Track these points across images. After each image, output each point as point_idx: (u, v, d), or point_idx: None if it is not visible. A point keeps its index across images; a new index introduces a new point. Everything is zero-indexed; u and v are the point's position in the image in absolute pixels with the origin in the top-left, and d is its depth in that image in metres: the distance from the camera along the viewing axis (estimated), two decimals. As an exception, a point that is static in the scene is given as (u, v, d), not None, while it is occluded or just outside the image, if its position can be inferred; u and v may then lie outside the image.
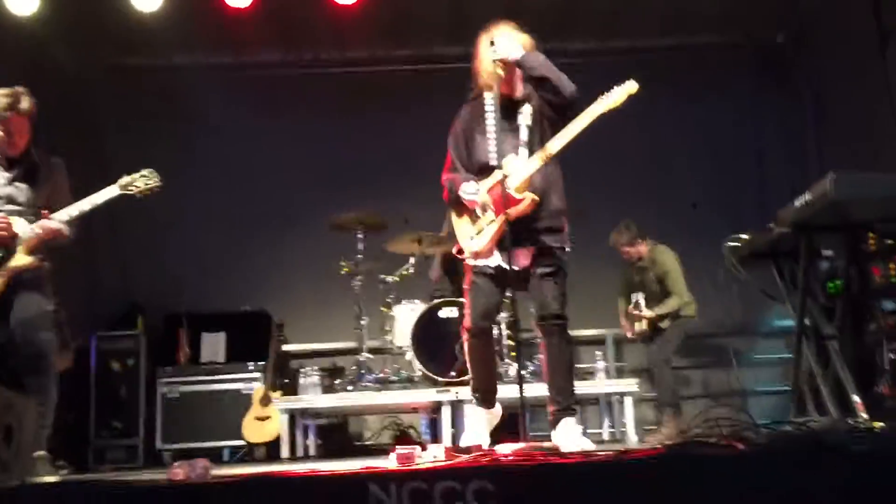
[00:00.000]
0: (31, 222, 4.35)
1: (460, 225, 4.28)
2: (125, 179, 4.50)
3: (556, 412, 4.11)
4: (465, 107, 4.34)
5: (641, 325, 6.83)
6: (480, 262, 4.12)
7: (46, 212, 4.37)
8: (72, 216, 4.40)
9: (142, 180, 4.50)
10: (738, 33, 8.47)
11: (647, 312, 6.77)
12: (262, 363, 7.17)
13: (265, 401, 6.81)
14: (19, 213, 4.38)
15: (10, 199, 4.41)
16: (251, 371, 7.25)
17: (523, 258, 4.04)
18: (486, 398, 4.31)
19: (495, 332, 6.39)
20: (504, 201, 3.89)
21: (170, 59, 8.47)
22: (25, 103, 4.45)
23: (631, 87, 3.91)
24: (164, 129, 8.14)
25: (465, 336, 4.21)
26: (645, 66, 8.32)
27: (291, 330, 7.68)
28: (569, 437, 4.00)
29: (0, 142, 4.41)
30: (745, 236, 4.64)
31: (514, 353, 6.36)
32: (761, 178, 8.32)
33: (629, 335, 7.05)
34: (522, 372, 6.03)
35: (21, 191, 4.44)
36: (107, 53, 8.33)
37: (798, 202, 3.95)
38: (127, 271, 7.73)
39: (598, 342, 7.74)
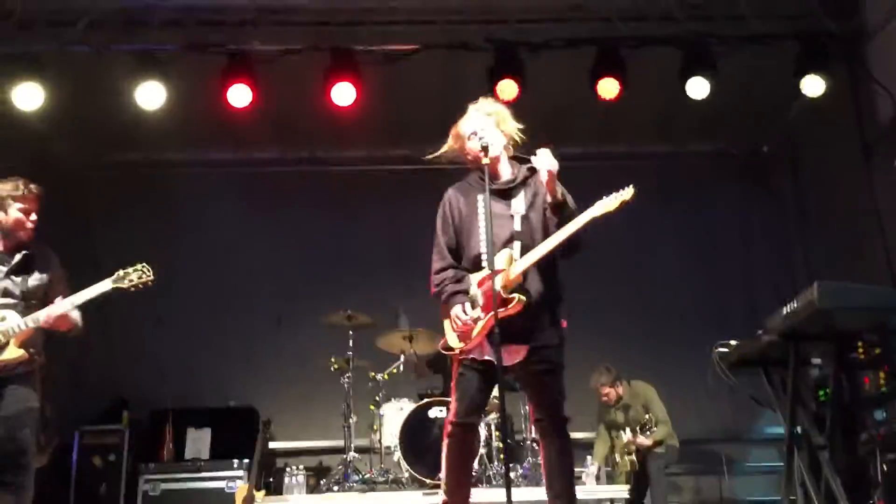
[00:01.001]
0: (24, 315, 4.36)
1: (447, 322, 4.13)
2: (119, 274, 4.52)
3: None
4: (451, 189, 4.22)
5: (631, 461, 6.79)
6: (467, 355, 3.98)
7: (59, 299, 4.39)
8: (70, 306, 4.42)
9: (135, 274, 4.52)
10: (725, 142, 8.70)
11: (645, 440, 6.74)
12: (247, 461, 7.02)
13: (248, 501, 6.64)
14: (13, 307, 4.40)
15: (6, 293, 4.43)
16: (235, 469, 7.06)
17: (515, 354, 3.88)
18: None
19: (483, 433, 6.36)
20: (493, 297, 3.83)
21: (167, 155, 8.65)
22: (35, 188, 4.57)
23: (627, 193, 3.91)
24: (156, 224, 8.25)
25: (447, 430, 3.98)
26: (636, 171, 8.52)
27: (278, 427, 7.59)
28: None
29: (18, 224, 4.50)
30: (733, 343, 4.64)
31: (502, 456, 6.26)
32: (749, 285, 8.39)
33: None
34: (511, 475, 5.99)
35: (16, 284, 4.46)
36: (105, 149, 8.50)
37: (785, 310, 3.98)
38: (114, 365, 7.66)
39: (588, 445, 7.63)
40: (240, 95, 6.68)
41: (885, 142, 6.52)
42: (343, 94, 6.73)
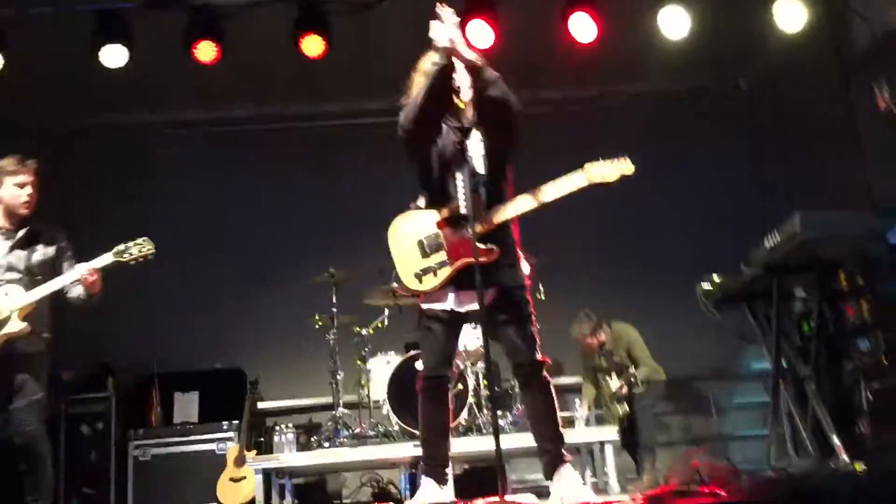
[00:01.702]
0: (28, 289, 4.49)
1: (402, 257, 3.95)
2: (120, 247, 4.58)
3: (549, 461, 3.88)
4: None
5: (624, 408, 6.80)
6: (432, 306, 3.88)
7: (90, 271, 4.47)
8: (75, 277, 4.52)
9: (136, 248, 4.59)
10: (702, 79, 8.61)
11: (633, 376, 6.76)
12: (237, 422, 7.02)
13: (239, 461, 6.65)
14: (17, 281, 4.53)
15: (10, 267, 4.57)
16: (225, 430, 7.08)
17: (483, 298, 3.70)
18: (436, 468, 3.95)
19: (471, 383, 6.35)
20: (461, 245, 3.77)
21: (137, 117, 8.46)
22: (31, 162, 4.73)
23: (627, 167, 3.80)
24: (129, 187, 8.13)
25: (419, 384, 3.94)
26: (611, 111, 8.52)
27: (266, 387, 7.54)
28: (569, 487, 3.79)
29: (14, 198, 4.62)
30: (717, 279, 4.63)
31: (490, 404, 6.27)
32: (733, 221, 8.35)
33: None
34: (500, 422, 6.00)
35: (20, 258, 4.60)
36: (71, 113, 8.30)
37: (767, 243, 3.96)
38: (96, 332, 7.58)
39: (577, 390, 7.66)
40: (206, 51, 6.52)
41: (863, 69, 6.45)
42: (313, 45, 6.59)
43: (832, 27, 6.80)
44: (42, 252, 4.66)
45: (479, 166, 3.88)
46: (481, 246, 3.69)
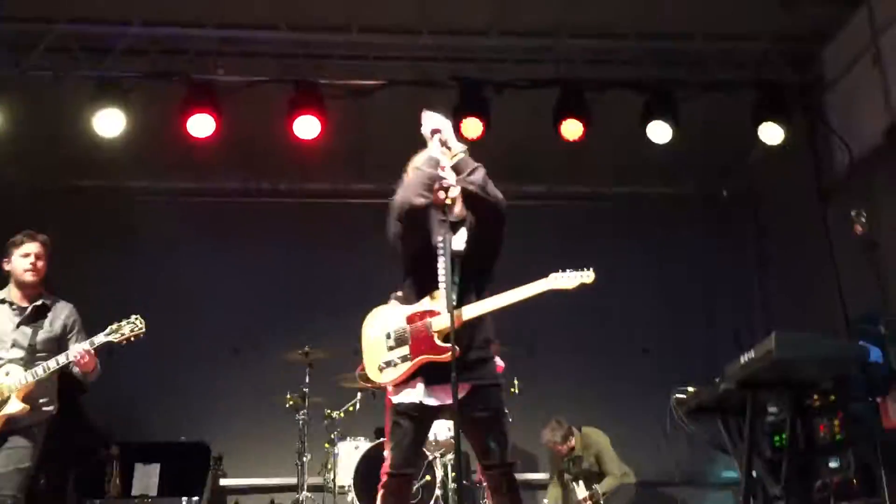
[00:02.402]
0: (29, 368, 4.49)
1: (370, 347, 3.92)
2: (113, 326, 4.59)
3: None
4: None
5: None
6: (402, 400, 3.81)
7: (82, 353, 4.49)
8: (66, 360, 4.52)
9: (128, 327, 4.60)
10: (687, 185, 8.81)
11: (597, 493, 6.73)
12: (196, 498, 6.84)
13: (196, 540, 6.48)
14: (19, 360, 4.55)
15: (15, 344, 4.60)
16: (184, 507, 6.90)
17: (452, 393, 3.62)
18: None
19: (440, 473, 6.26)
20: (424, 341, 3.75)
21: (126, 182, 8.52)
22: (39, 236, 4.82)
23: (588, 276, 3.86)
24: (112, 251, 8.11)
25: (382, 480, 3.82)
26: (598, 212, 8.68)
27: (230, 463, 7.44)
28: None
29: (20, 271, 4.69)
30: (691, 389, 4.65)
31: (457, 498, 6.16)
32: (708, 328, 8.45)
33: None
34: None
35: (25, 335, 4.62)
36: (62, 174, 8.35)
37: (743, 359, 3.99)
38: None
39: (543, 486, 7.57)
40: (202, 125, 6.63)
41: (841, 191, 6.63)
42: (307, 127, 6.72)
43: (812, 147, 7.01)
44: (47, 330, 4.70)
45: (458, 264, 3.88)
46: (442, 344, 3.69)
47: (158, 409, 7.65)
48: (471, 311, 3.82)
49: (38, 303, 4.74)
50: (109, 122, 6.53)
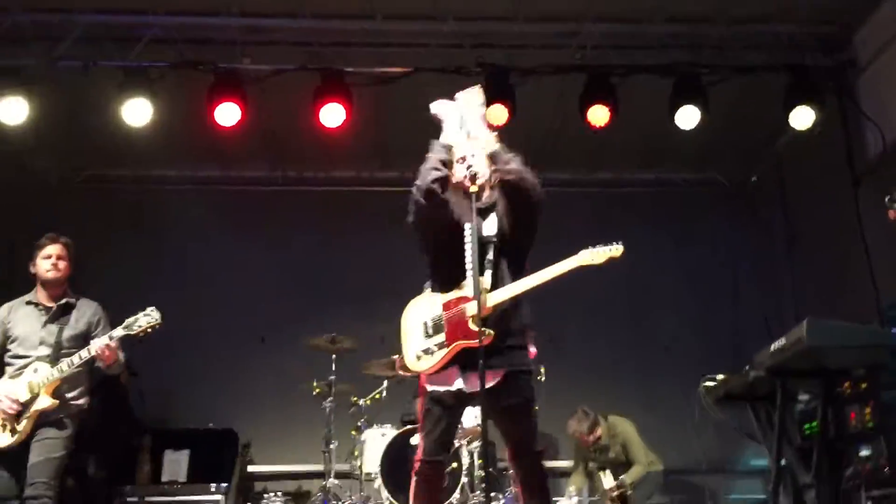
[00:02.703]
0: (54, 365, 4.68)
1: (409, 336, 3.97)
2: (129, 320, 4.73)
3: None
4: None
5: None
6: (437, 388, 3.84)
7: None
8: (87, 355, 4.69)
9: (144, 319, 4.73)
10: (714, 171, 8.72)
11: (625, 483, 6.71)
12: (225, 485, 6.90)
13: (225, 527, 6.54)
14: (48, 356, 4.74)
15: (42, 342, 4.80)
16: (213, 492, 6.93)
17: (488, 380, 3.67)
18: None
19: (466, 461, 6.27)
20: (459, 327, 3.75)
21: (153, 171, 8.60)
22: (62, 238, 5.01)
23: (616, 250, 3.85)
24: (140, 240, 8.19)
25: (415, 467, 3.86)
26: (624, 198, 8.62)
27: (257, 450, 7.49)
28: None
29: (43, 271, 4.89)
30: (720, 377, 4.61)
31: (484, 485, 6.17)
32: (736, 314, 8.38)
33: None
34: (493, 504, 5.90)
35: (52, 333, 4.81)
36: (90, 163, 8.45)
37: (773, 347, 3.94)
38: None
39: (570, 474, 7.56)
40: (228, 114, 6.65)
41: (873, 175, 6.52)
42: (332, 115, 6.70)
43: (844, 131, 6.89)
44: (73, 327, 4.88)
45: (491, 248, 3.90)
46: (477, 329, 3.67)
47: (187, 397, 7.74)
48: (498, 295, 3.82)
49: (63, 301, 4.94)
50: (137, 112, 6.56)
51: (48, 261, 4.91)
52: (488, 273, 3.86)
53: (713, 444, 7.23)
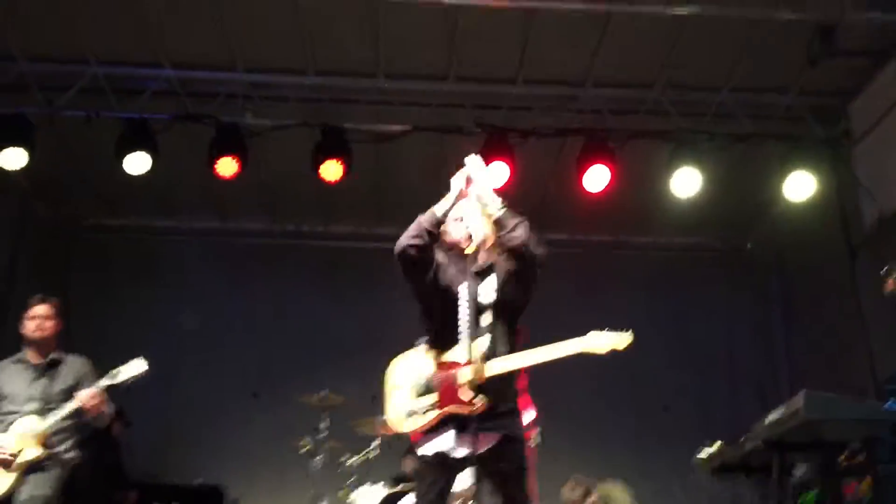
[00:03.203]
0: (43, 416, 4.72)
1: (395, 393, 3.88)
2: (113, 371, 4.81)
3: None
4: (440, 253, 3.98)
5: None
6: (426, 451, 3.76)
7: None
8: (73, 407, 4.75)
9: (128, 369, 4.81)
10: (710, 237, 8.75)
11: None
12: (208, 545, 6.77)
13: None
14: (37, 411, 4.77)
15: (30, 398, 4.83)
16: (195, 554, 6.82)
17: (482, 444, 3.60)
18: None
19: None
20: (452, 392, 3.67)
21: (151, 221, 8.61)
22: (49, 300, 5.08)
23: (624, 340, 3.81)
24: (134, 289, 8.17)
25: None
26: (619, 261, 8.62)
27: (245, 507, 7.34)
28: None
29: (30, 333, 4.97)
30: (716, 447, 4.56)
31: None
32: (733, 380, 8.33)
33: None
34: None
35: (40, 389, 4.86)
36: (89, 211, 8.46)
37: (770, 418, 3.91)
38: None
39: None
40: (228, 166, 6.68)
41: (869, 246, 6.54)
42: (331, 170, 6.74)
43: (840, 201, 6.94)
44: (62, 381, 4.92)
45: (486, 314, 3.87)
46: (468, 398, 3.60)
47: (178, 451, 7.63)
48: (496, 367, 3.74)
49: (50, 358, 5.00)
50: (137, 163, 6.59)
51: (34, 322, 4.99)
52: (486, 337, 3.77)
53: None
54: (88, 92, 6.58)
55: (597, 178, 6.78)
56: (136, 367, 4.80)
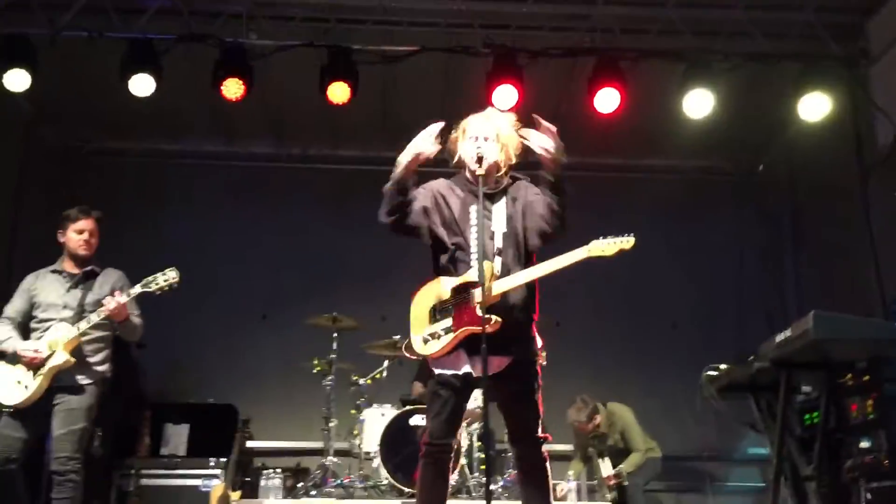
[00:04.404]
0: (75, 324, 4.74)
1: (415, 320, 3.97)
2: (148, 279, 4.80)
3: None
4: (441, 181, 4.07)
5: (614, 495, 6.76)
6: (444, 371, 3.83)
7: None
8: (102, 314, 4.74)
9: (162, 278, 4.79)
10: (721, 159, 8.67)
11: (622, 472, 6.72)
12: (224, 459, 6.91)
13: (223, 501, 6.54)
14: (69, 319, 4.79)
15: (65, 305, 4.86)
16: (212, 467, 6.94)
17: (494, 366, 3.70)
18: None
19: (465, 442, 6.28)
20: (466, 313, 3.74)
21: (157, 144, 8.56)
22: (94, 213, 5.09)
23: (627, 242, 3.81)
24: (142, 212, 8.18)
25: (422, 450, 3.86)
26: (630, 184, 8.58)
27: (257, 426, 7.50)
28: None
29: (73, 243, 4.95)
30: (723, 367, 4.59)
31: (483, 467, 6.18)
32: (741, 301, 8.36)
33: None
34: (493, 486, 5.91)
35: (75, 297, 4.89)
36: (94, 134, 8.41)
37: (778, 338, 3.93)
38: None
39: (569, 458, 7.57)
40: (233, 88, 6.58)
41: (883, 168, 6.47)
42: (338, 92, 6.65)
43: (854, 122, 6.83)
44: (97, 292, 4.92)
45: (498, 236, 3.89)
46: (484, 316, 3.64)
47: (188, 372, 7.76)
48: (503, 283, 3.80)
49: (88, 268, 5.00)
50: (142, 84, 6.50)
51: (80, 236, 4.97)
52: (498, 260, 3.86)
53: (713, 431, 7.23)
54: (90, 11, 6.46)
55: (608, 99, 6.68)
56: (170, 276, 4.78)
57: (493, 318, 3.67)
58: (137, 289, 4.79)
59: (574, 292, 7.20)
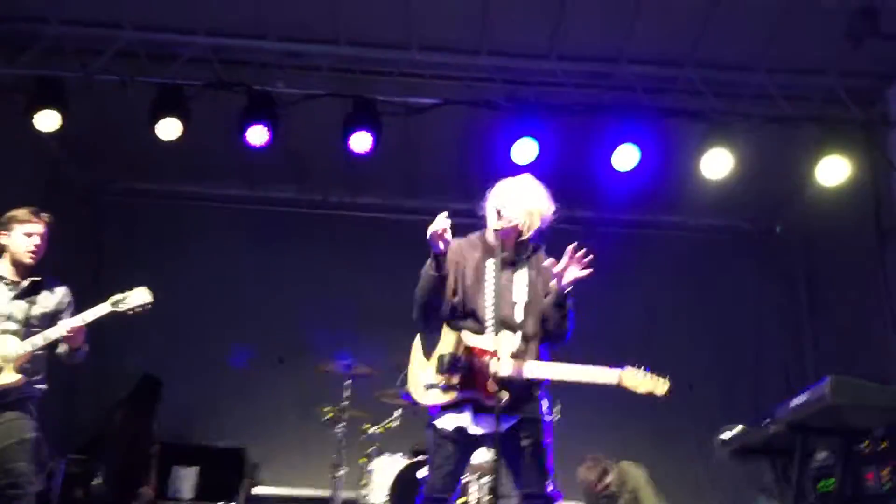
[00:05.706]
0: (22, 339, 4.38)
1: (419, 365, 3.95)
2: (116, 297, 4.48)
3: None
4: (459, 239, 4.02)
5: None
6: (446, 425, 3.80)
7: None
8: (62, 332, 4.39)
9: (133, 297, 4.48)
10: (739, 219, 8.68)
11: None
12: (230, 504, 6.89)
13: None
14: (14, 332, 4.42)
15: (10, 317, 4.46)
16: (217, 513, 6.94)
17: (502, 423, 3.62)
18: None
19: (474, 497, 6.19)
20: (479, 377, 3.73)
21: (181, 187, 8.68)
22: (45, 215, 4.65)
23: (661, 386, 3.83)
24: (163, 254, 8.24)
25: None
26: (648, 240, 8.58)
27: (268, 471, 7.47)
28: None
29: (19, 247, 4.53)
30: (738, 429, 4.55)
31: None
32: (758, 363, 8.29)
33: None
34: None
35: (20, 309, 4.49)
36: (119, 175, 8.53)
37: (795, 402, 3.90)
38: (105, 394, 7.56)
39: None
40: (258, 135, 6.69)
41: (900, 232, 6.47)
42: (361, 142, 6.73)
43: (873, 185, 6.84)
44: (42, 305, 4.57)
45: (520, 307, 3.89)
46: (494, 390, 3.60)
47: (201, 413, 7.74)
48: (533, 371, 3.82)
49: (36, 278, 4.60)
50: (169, 128, 6.62)
51: (29, 240, 4.57)
52: (519, 334, 3.85)
53: (726, 494, 7.13)
54: (122, 57, 6.62)
55: (627, 156, 6.73)
56: (140, 296, 4.47)
57: (504, 393, 3.61)
58: (106, 307, 4.43)
59: (591, 349, 7.16)
